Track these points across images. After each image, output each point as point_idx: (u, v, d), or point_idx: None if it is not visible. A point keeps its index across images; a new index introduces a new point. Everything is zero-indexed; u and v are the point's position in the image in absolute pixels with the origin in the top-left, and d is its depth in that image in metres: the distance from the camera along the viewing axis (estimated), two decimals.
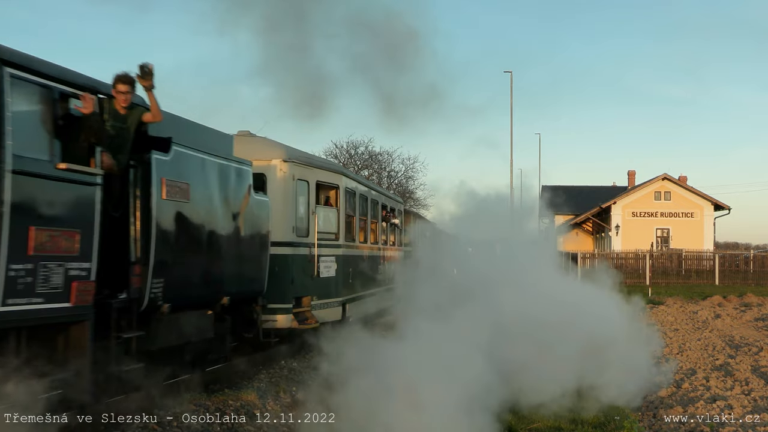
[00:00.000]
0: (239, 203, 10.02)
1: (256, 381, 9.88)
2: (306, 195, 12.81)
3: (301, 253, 12.42)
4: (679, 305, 25.20)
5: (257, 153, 12.14)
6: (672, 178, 55.28)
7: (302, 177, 12.69)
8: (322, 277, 12.99)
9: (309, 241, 12.62)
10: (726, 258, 40.57)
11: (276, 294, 11.62)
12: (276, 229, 11.65)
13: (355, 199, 15.47)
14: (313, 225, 12.78)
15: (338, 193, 14.12)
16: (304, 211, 12.74)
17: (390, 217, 19.41)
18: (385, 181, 52.93)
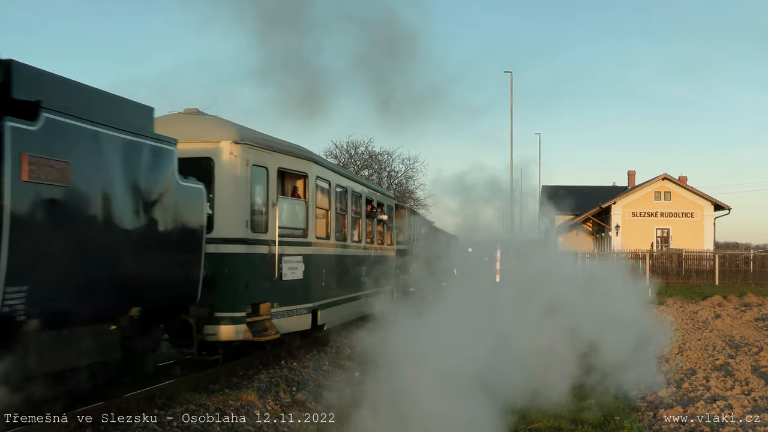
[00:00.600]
0: (155, 191, 8.23)
1: (256, 381, 9.88)
2: (264, 184, 11.07)
3: (258, 252, 10.75)
4: (679, 305, 25.19)
5: (202, 133, 10.70)
6: (672, 178, 55.26)
7: (259, 162, 10.96)
8: (285, 280, 11.30)
9: (268, 238, 10.94)
10: (726, 258, 40.56)
11: (225, 301, 10.13)
12: (225, 223, 10.29)
13: (331, 191, 13.70)
14: (273, 219, 11.04)
15: (307, 183, 12.37)
16: (262, 202, 11.03)
17: (377, 213, 17.80)
18: (385, 181, 52.94)
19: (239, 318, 10.27)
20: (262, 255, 10.79)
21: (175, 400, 8.34)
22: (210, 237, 9.85)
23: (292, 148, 12.17)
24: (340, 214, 14.48)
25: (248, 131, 11.13)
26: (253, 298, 10.63)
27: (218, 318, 10.06)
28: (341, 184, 14.60)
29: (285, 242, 11.36)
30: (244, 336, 10.31)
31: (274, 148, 11.46)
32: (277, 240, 11.09)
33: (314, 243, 12.49)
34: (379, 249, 18.13)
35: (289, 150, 12.09)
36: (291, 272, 11.56)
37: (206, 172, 10.38)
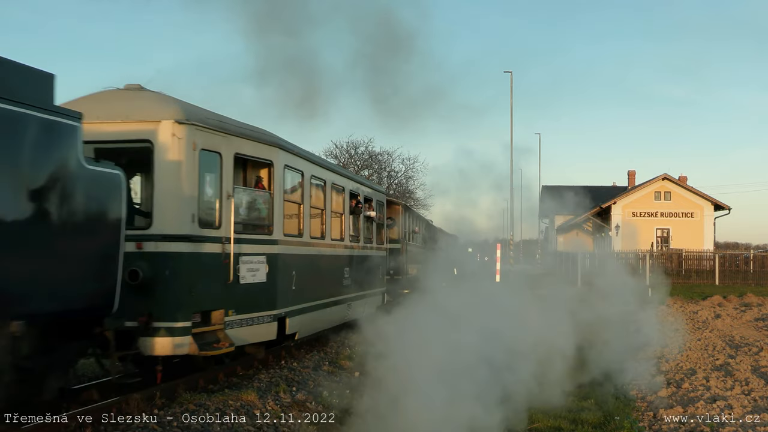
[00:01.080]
0: (47, 175, 6.80)
1: (256, 381, 9.88)
2: (217, 172, 9.63)
3: (208, 251, 9.34)
4: (679, 305, 25.19)
5: (139, 111, 9.22)
6: (672, 178, 55.26)
7: (210, 147, 9.48)
8: (243, 283, 9.91)
9: (221, 235, 9.52)
10: (726, 258, 40.54)
11: (164, 308, 8.77)
12: (166, 217, 8.95)
13: (304, 183, 12.26)
14: (227, 213, 9.62)
15: (273, 173, 10.89)
16: (214, 193, 9.63)
17: (363, 208, 16.31)
18: (385, 181, 52.95)
19: (180, 329, 8.81)
20: (213, 255, 9.39)
21: (175, 400, 8.34)
22: (148, 233, 8.87)
23: (254, 131, 10.65)
24: (316, 209, 13.01)
25: (196, 110, 9.58)
26: (200, 305, 9.22)
27: (154, 329, 8.66)
28: (318, 176, 13.10)
29: (243, 240, 9.98)
30: (188, 350, 8.86)
31: (229, 131, 9.94)
32: (233, 237, 9.65)
33: (282, 241, 11.05)
34: (367, 248, 16.61)
35: (250, 134, 10.50)
36: (251, 274, 10.14)
37: (144, 158, 9.11)
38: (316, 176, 12.96)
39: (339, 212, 14.50)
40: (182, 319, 8.87)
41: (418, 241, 28.54)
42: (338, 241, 14.35)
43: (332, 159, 51.18)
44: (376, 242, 17.45)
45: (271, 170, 10.93)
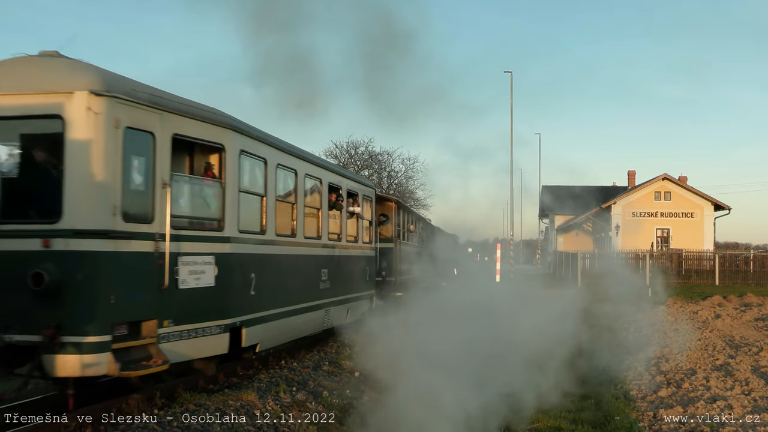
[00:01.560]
0: None
1: (256, 381, 9.88)
2: (149, 155, 8.09)
3: (135, 250, 7.84)
4: (679, 305, 25.19)
5: (48, 80, 7.78)
6: (672, 178, 55.26)
7: (140, 125, 7.94)
8: (183, 288, 8.44)
9: (153, 231, 8.03)
10: (726, 258, 40.55)
11: (75, 319, 7.38)
12: (79, 209, 7.52)
13: (268, 172, 10.72)
14: (162, 205, 8.16)
15: (224, 159, 9.36)
16: (144, 181, 8.07)
17: (346, 203, 14.75)
18: (385, 181, 52.95)
19: (92, 345, 7.38)
20: (142, 254, 7.93)
21: (175, 400, 8.34)
22: (56, 228, 7.49)
23: (199, 109, 9.04)
24: (284, 203, 11.53)
25: (121, 80, 8.04)
26: (125, 315, 7.76)
27: (61, 344, 7.27)
28: (287, 165, 11.52)
29: (184, 237, 8.55)
30: (107, 369, 7.45)
31: (165, 107, 8.36)
32: (169, 233, 8.21)
33: (236, 239, 9.58)
34: (351, 248, 15.16)
35: (194, 111, 8.88)
36: (194, 278, 8.67)
37: (53, 137, 7.66)
38: (284, 165, 11.38)
39: (315, 207, 12.96)
40: (95, 332, 7.39)
41: (414, 241, 27.32)
42: (313, 240, 12.79)
43: (332, 159, 51.19)
44: (362, 241, 15.99)
45: (223, 156, 9.37)
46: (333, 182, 14.03)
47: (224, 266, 9.22)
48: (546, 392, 9.71)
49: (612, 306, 24.19)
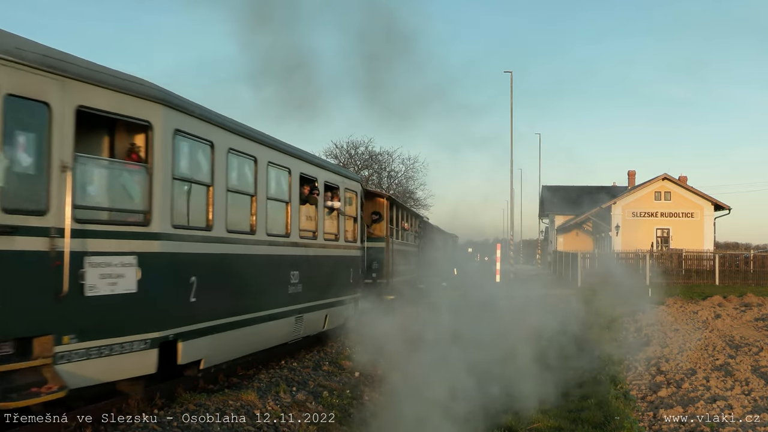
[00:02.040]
0: None
1: (256, 381, 9.88)
2: (42, 130, 6.69)
3: (20, 249, 6.40)
4: (679, 305, 25.19)
5: None
6: (672, 178, 55.27)
7: (26, 92, 6.54)
8: (91, 295, 7.03)
9: (48, 225, 6.66)
10: (726, 258, 40.55)
11: None
12: None
13: (216, 158, 9.16)
14: (61, 192, 6.76)
15: (152, 139, 7.90)
16: (34, 163, 6.70)
17: (323, 198, 13.38)
18: (385, 181, 52.95)
19: None
20: (30, 254, 6.50)
21: (175, 400, 8.34)
22: None
23: (115, 77, 7.53)
24: (239, 195, 9.94)
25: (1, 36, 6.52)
26: (8, 330, 6.34)
27: None
28: (242, 150, 9.91)
29: (93, 233, 7.12)
30: None
31: (67, 72, 6.92)
32: (69, 228, 6.76)
33: (168, 235, 8.09)
34: (331, 246, 13.65)
35: (108, 79, 7.41)
36: (107, 282, 7.20)
37: None
38: (238, 151, 9.79)
39: (281, 200, 11.46)
40: None
41: (410, 240, 25.98)
42: (280, 238, 11.26)
43: (332, 159, 51.22)
44: (345, 239, 14.42)
45: (150, 135, 7.88)
46: (306, 173, 12.47)
47: (151, 268, 7.68)
48: None
49: (612, 306, 24.20)
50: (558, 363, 12.48)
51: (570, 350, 13.90)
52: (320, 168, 13.52)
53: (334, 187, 14.03)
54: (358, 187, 15.90)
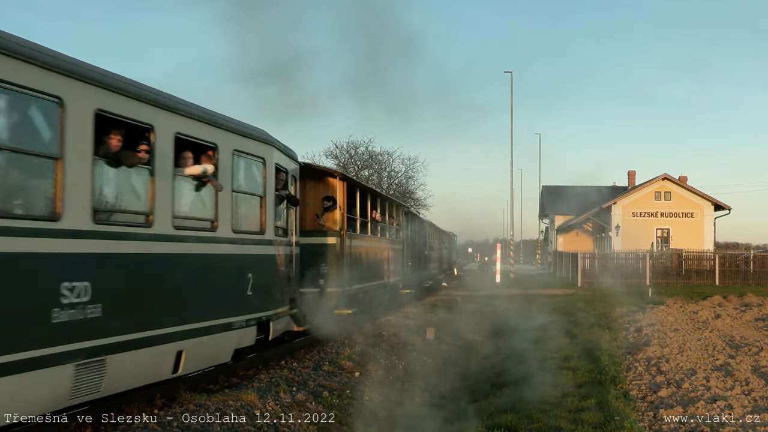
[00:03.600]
0: None
1: (256, 381, 9.88)
2: None
3: None
4: (679, 305, 25.19)
5: None
6: (672, 178, 55.27)
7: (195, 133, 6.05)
8: None
9: None
10: (726, 258, 40.54)
11: None
12: None
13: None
14: None
15: None
16: None
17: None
18: (385, 182, 52.94)
19: None
20: None
21: (175, 400, 8.34)
22: None
23: None
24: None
25: None
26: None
27: None
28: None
29: None
30: None
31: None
32: None
33: None
34: (194, 239, 8.76)
35: None
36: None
37: None
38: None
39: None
40: None
41: (389, 235, 20.77)
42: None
43: (332, 159, 51.20)
44: (239, 229, 9.80)
45: None
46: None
47: None
48: None
49: (612, 306, 24.21)
50: (558, 364, 12.50)
51: (572, 351, 13.91)
52: (220, 128, 9.30)
53: (204, 144, 9.04)
54: (287, 162, 11.72)
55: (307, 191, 14.90)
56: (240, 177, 10.04)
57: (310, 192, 15.00)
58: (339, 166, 49.49)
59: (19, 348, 6.16)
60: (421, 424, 9.28)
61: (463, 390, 11.87)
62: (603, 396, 9.51)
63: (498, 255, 41.78)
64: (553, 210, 74.14)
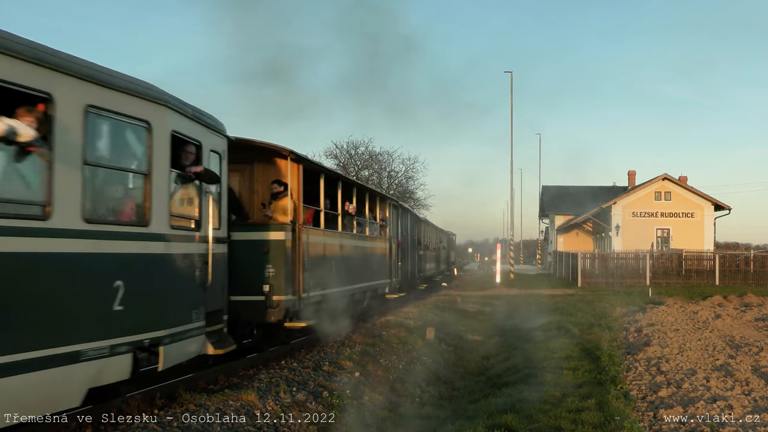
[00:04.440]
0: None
1: (256, 381, 9.88)
2: None
3: None
4: (679, 305, 25.19)
5: None
6: (672, 178, 55.28)
7: None
8: None
9: None
10: (726, 258, 40.54)
11: None
12: None
13: None
14: None
15: None
16: None
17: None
18: (385, 182, 52.94)
19: None
20: None
21: (175, 400, 8.34)
22: None
23: None
24: None
25: None
26: None
27: None
28: None
29: None
30: None
31: None
32: None
33: None
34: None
35: None
36: None
37: None
38: None
39: None
40: None
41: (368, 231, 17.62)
42: None
43: (332, 159, 51.19)
44: (126, 219, 7.55)
45: None
46: None
47: None
48: None
49: (612, 306, 24.21)
50: (558, 364, 12.50)
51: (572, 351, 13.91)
52: (75, 78, 6.65)
53: (28, 93, 6.17)
54: (186, 126, 8.64)
55: (255, 175, 12.51)
56: (101, 145, 7.23)
57: (258, 176, 12.51)
58: (339, 166, 49.51)
59: None
60: (421, 423, 9.28)
61: (463, 390, 11.88)
62: (603, 396, 9.51)
63: (498, 255, 41.79)
64: (553, 210, 74.16)
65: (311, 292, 12.67)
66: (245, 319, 11.52)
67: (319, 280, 13.06)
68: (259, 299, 11.44)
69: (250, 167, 12.44)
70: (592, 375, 11.27)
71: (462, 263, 78.97)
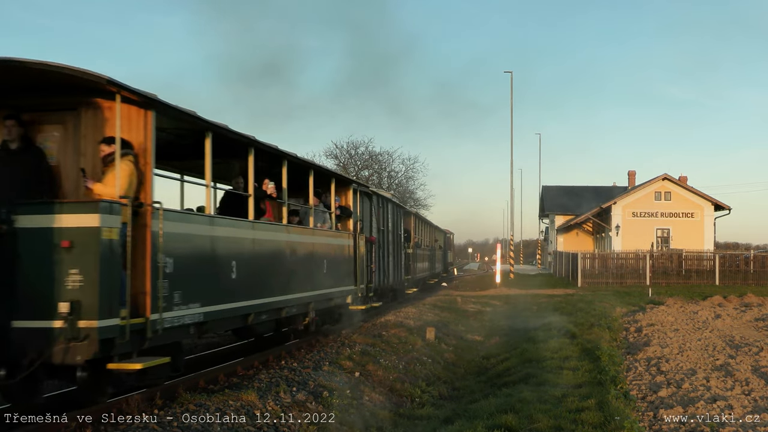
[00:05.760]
0: None
1: (256, 381, 9.88)
2: None
3: None
4: (679, 305, 25.19)
5: None
6: (672, 179, 55.27)
7: None
8: None
9: None
10: (726, 258, 40.54)
11: None
12: None
13: None
14: None
15: None
16: None
17: None
18: (385, 182, 52.94)
19: None
20: None
21: (175, 400, 8.33)
22: None
23: None
24: None
25: None
26: None
27: None
28: None
29: None
30: None
31: None
32: None
33: None
34: None
35: None
36: None
37: None
38: None
39: None
40: None
41: (315, 224, 13.32)
42: None
43: (332, 159, 51.19)
44: None
45: None
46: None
47: None
48: None
49: (612, 306, 24.21)
50: (558, 364, 12.50)
51: (572, 351, 13.91)
52: None
53: None
54: None
55: (83, 129, 8.21)
56: None
57: (87, 130, 8.20)
58: (339, 166, 49.51)
59: None
60: (422, 424, 9.28)
61: (463, 390, 11.88)
62: (603, 396, 9.51)
63: (498, 255, 41.77)
64: (553, 210, 74.17)
65: (178, 310, 8.29)
66: (33, 357, 7.01)
67: (199, 290, 8.84)
68: (52, 325, 7.00)
69: (73, 116, 8.21)
70: (592, 375, 11.26)
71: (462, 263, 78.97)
